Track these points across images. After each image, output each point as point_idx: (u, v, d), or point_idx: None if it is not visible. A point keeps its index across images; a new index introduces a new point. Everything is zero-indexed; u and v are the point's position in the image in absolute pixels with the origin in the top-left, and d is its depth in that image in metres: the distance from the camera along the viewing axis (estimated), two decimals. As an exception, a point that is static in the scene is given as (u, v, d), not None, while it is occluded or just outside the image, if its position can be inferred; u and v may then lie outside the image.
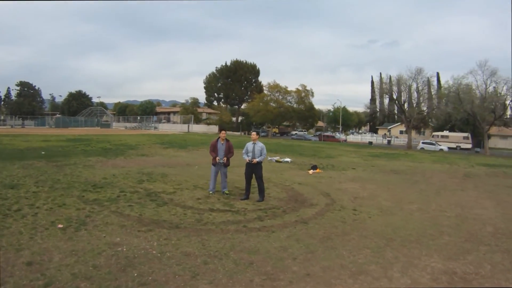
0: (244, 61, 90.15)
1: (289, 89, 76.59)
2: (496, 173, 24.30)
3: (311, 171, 20.20)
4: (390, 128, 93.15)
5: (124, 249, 7.16)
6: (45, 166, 16.80)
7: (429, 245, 7.82)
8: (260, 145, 12.11)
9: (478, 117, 56.19)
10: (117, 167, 17.43)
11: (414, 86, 62.38)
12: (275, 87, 76.06)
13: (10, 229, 7.95)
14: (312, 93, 76.80)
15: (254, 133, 12.72)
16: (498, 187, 17.35)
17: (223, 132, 12.61)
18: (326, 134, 79.79)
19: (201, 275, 5.91)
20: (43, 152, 22.34)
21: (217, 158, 12.27)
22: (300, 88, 76.19)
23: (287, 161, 24.84)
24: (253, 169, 12.20)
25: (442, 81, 63.94)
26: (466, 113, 57.09)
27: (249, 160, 11.99)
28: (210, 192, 12.45)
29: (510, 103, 55.62)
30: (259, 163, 12.24)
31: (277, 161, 25.00)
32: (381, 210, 10.92)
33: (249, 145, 12.14)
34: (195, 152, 28.14)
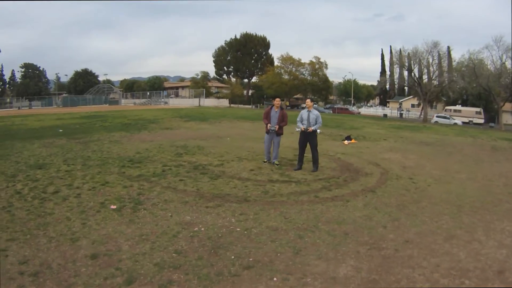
0: (254, 34, 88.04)
1: (302, 61, 74.73)
2: None
3: (346, 142, 19.51)
4: (402, 102, 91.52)
5: (202, 229, 6.27)
6: (68, 144, 15.62)
7: (495, 211, 7.82)
8: (315, 113, 11.45)
9: (493, 92, 54.98)
10: (146, 141, 16.43)
11: (430, 59, 61.01)
12: (288, 59, 74.30)
13: (54, 215, 6.81)
14: (326, 65, 75.25)
15: (308, 100, 11.96)
16: None
17: (277, 99, 12.09)
18: (339, 106, 78.35)
19: (303, 250, 5.48)
20: (60, 130, 21.07)
21: (269, 125, 11.75)
22: (314, 60, 74.39)
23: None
24: (308, 138, 11.47)
25: (454, 55, 61.94)
26: (481, 88, 55.83)
27: (304, 128, 11.40)
28: (265, 160, 12.06)
29: None
30: (314, 131, 11.47)
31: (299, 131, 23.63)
32: (435, 179, 10.73)
33: (304, 113, 11.50)
34: (218, 124, 27.03)
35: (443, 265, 5.18)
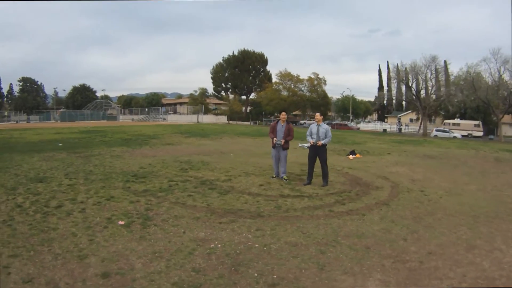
0: (252, 50, 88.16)
1: (301, 77, 74.71)
2: None
3: (351, 156, 19.25)
4: (400, 116, 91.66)
5: (219, 246, 5.93)
6: (69, 158, 15.27)
7: (510, 220, 7.85)
8: (325, 126, 11.27)
9: (492, 105, 55.57)
10: (148, 157, 16.11)
11: (428, 73, 61.34)
12: (287, 76, 74.26)
13: (58, 230, 6.43)
14: (325, 81, 75.41)
15: (318, 114, 11.66)
16: None
17: (283, 113, 11.88)
18: (337, 122, 78.28)
19: (327, 265, 5.26)
20: (60, 144, 20.72)
21: (275, 139, 11.54)
22: (312, 76, 74.35)
23: (304, 146, 23.43)
24: (318, 152, 11.22)
25: (451, 69, 62.47)
26: (480, 101, 56.32)
27: (313, 142, 11.20)
28: (273, 176, 11.80)
29: None
30: (324, 146, 11.23)
31: (308, 147, 23.33)
32: (446, 191, 10.68)
33: (313, 127, 11.35)
34: (219, 140, 26.75)
35: (469, 275, 5.13)
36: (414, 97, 63.16)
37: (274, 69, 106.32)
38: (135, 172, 12.17)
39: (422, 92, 63.19)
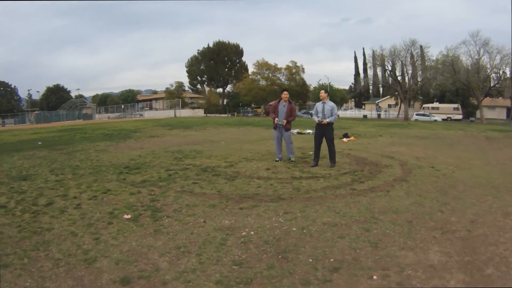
0: (227, 42, 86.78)
1: (279, 66, 73.60)
2: (511, 136, 24.72)
3: (345, 139, 19.01)
4: (378, 102, 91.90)
5: (252, 233, 5.19)
6: (51, 155, 14.05)
7: None
8: (330, 104, 10.59)
9: (472, 87, 56.45)
10: (135, 149, 15.06)
11: (408, 57, 61.47)
12: (264, 65, 72.90)
13: (54, 230, 5.42)
14: (303, 69, 73.82)
15: (322, 91, 10.94)
16: None
17: (285, 92, 11.11)
18: (316, 110, 77.58)
19: (380, 243, 4.88)
20: (39, 142, 19.36)
21: (276, 119, 10.90)
22: (290, 64, 73.22)
23: (309, 133, 23.02)
24: (324, 131, 10.58)
25: (430, 53, 62.46)
26: (460, 83, 57.08)
27: (319, 121, 10.52)
28: (277, 159, 11.18)
29: (503, 72, 55.64)
30: (330, 124, 10.57)
31: (298, 133, 23.38)
32: (455, 166, 10.67)
33: (319, 105, 10.72)
34: (204, 131, 25.69)
35: (517, 238, 5.01)
36: (394, 82, 63.20)
37: (249, 60, 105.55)
38: (126, 164, 11.18)
39: (402, 76, 63.62)
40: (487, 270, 4.15)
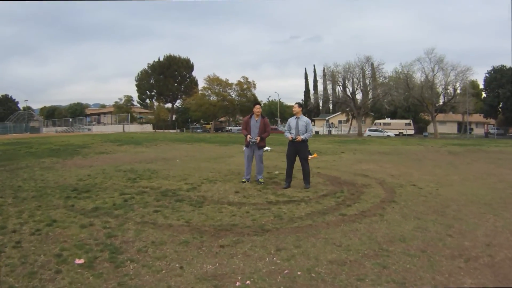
0: (178, 56, 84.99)
1: (230, 81, 72.73)
2: (472, 150, 25.09)
3: (309, 157, 17.68)
4: (329, 119, 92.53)
5: (247, 282, 4.07)
6: (-10, 172, 12.34)
7: None
8: (304, 119, 9.80)
9: (425, 103, 58.13)
10: (84, 167, 13.74)
11: (366, 72, 62.25)
12: (215, 80, 71.80)
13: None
14: (254, 85, 73.18)
15: (296, 105, 10.02)
16: (495, 159, 18.39)
17: (257, 106, 10.31)
18: (268, 127, 77.34)
19: (407, 282, 4.15)
20: (-22, 158, 17.51)
21: (248, 136, 9.98)
22: (242, 80, 72.48)
23: (267, 150, 22.11)
24: (298, 149, 9.73)
25: (384, 69, 63.70)
26: (414, 99, 58.33)
27: (292, 137, 9.62)
28: (244, 180, 10.20)
29: (454, 89, 58.17)
30: (305, 141, 9.73)
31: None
32: (436, 184, 10.44)
33: (292, 120, 9.91)
34: (155, 147, 24.47)
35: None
36: (348, 98, 63.38)
37: (198, 75, 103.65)
38: (74, 185, 9.78)
39: (357, 92, 64.01)
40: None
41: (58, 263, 4.54)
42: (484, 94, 69.20)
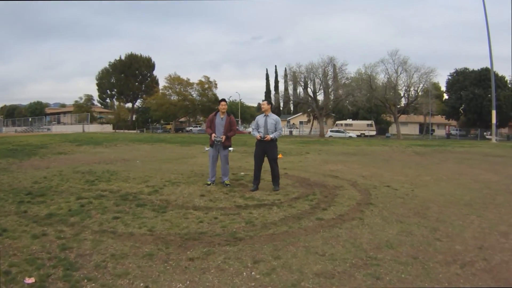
0: (139, 55, 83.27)
1: (191, 81, 71.90)
2: (438, 150, 25.28)
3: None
4: (290, 119, 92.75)
5: None
6: None
7: (502, 204, 7.88)
8: (274, 117, 9.32)
9: (388, 104, 59.11)
10: (41, 168, 13.02)
11: (328, 73, 62.52)
12: (176, 79, 70.82)
13: None
14: (216, 84, 72.57)
15: (265, 102, 9.61)
16: (463, 159, 18.57)
17: (222, 103, 9.69)
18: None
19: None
20: None
21: (213, 135, 9.43)
22: (203, 79, 71.76)
23: (231, 150, 21.63)
24: (266, 149, 9.25)
25: (347, 70, 64.13)
26: (377, 100, 59.04)
27: (260, 137, 9.15)
28: (208, 182, 9.63)
29: (416, 90, 59.19)
30: (274, 140, 9.26)
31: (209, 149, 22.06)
32: (410, 184, 10.37)
33: (260, 118, 9.40)
34: (115, 148, 23.89)
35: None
36: (310, 98, 63.47)
37: (159, 75, 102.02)
38: (28, 189, 9.02)
39: (319, 93, 64.27)
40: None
41: (6, 283, 3.89)
42: (446, 96, 71.07)
